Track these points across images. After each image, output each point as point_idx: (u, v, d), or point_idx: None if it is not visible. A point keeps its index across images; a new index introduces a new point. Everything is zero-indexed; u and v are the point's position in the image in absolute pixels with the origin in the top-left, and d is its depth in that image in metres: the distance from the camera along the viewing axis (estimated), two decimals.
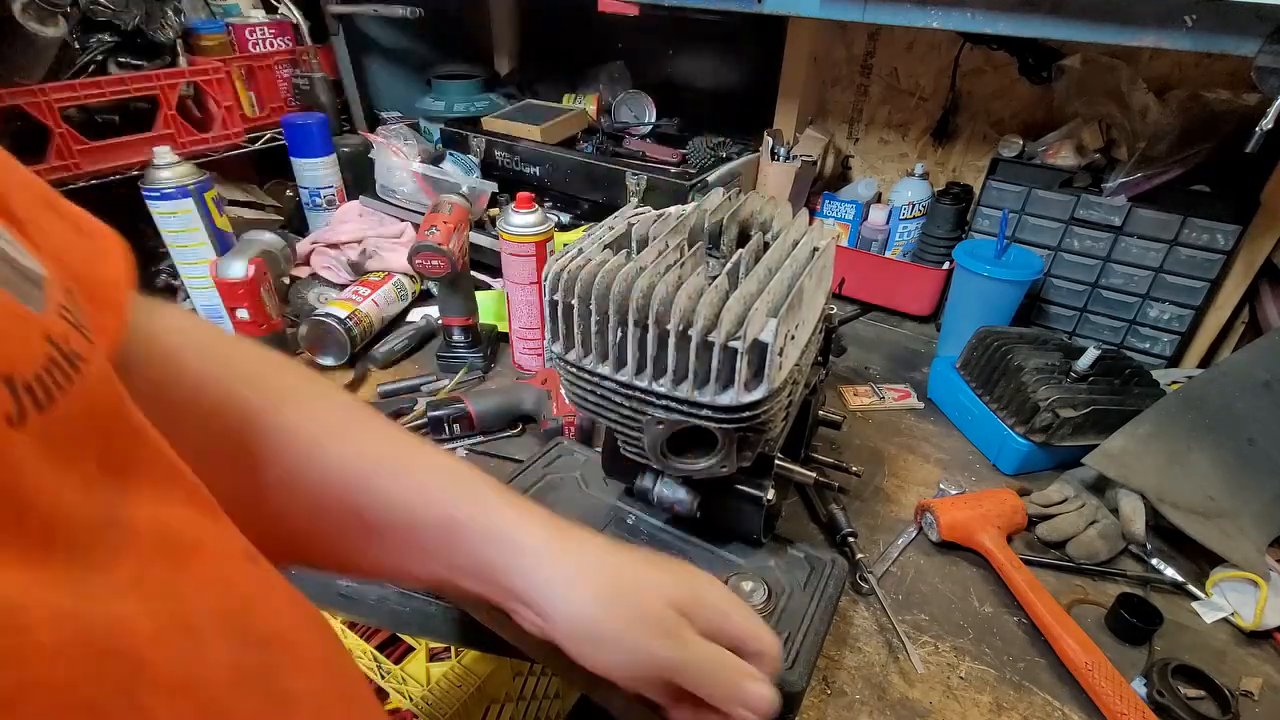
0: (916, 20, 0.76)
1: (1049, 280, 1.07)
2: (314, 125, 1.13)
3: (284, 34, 1.19)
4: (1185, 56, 0.95)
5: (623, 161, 1.17)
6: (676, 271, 0.48)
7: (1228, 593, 0.66)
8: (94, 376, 0.16)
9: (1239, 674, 0.60)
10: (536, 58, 1.54)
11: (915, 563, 0.70)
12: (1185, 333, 1.00)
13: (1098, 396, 0.79)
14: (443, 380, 0.92)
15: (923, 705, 0.56)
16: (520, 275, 0.87)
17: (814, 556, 0.61)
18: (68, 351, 0.15)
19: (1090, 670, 0.56)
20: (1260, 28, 0.59)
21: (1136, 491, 0.72)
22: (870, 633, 0.62)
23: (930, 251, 1.16)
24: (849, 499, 0.77)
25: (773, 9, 0.85)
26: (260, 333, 0.83)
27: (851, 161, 1.32)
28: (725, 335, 0.44)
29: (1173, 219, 0.94)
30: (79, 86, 0.91)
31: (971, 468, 0.83)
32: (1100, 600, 0.66)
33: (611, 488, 0.65)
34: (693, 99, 1.40)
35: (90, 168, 0.95)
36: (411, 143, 1.22)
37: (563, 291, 0.49)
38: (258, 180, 1.29)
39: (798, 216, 0.59)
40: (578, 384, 0.53)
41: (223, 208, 0.95)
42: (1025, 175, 1.03)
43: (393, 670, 0.67)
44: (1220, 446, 0.72)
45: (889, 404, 0.93)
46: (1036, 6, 0.70)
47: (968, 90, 1.14)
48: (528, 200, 0.85)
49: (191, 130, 1.06)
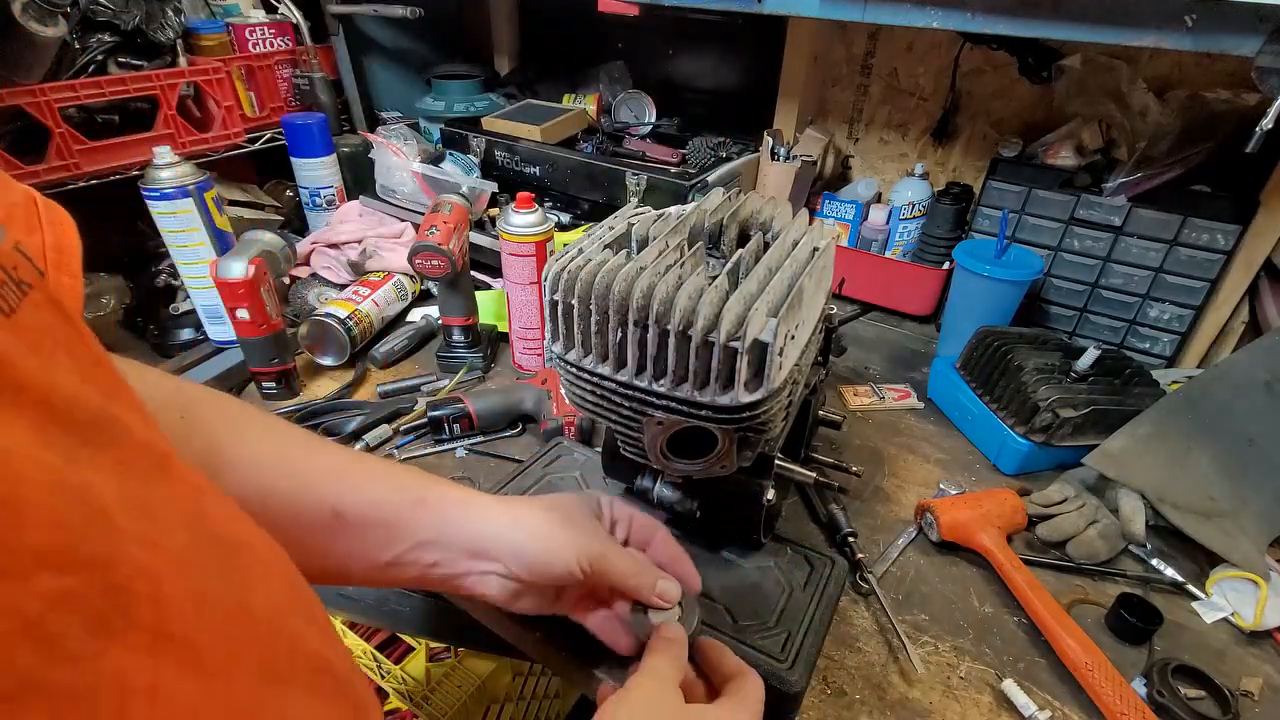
0: (916, 20, 0.76)
1: (1049, 280, 1.07)
2: (314, 125, 1.13)
3: (284, 34, 1.19)
4: (1185, 56, 0.95)
5: (623, 161, 1.17)
6: (676, 271, 0.48)
7: (1228, 593, 0.66)
8: (47, 303, 0.17)
9: (1239, 674, 0.60)
10: (536, 58, 1.54)
11: (915, 563, 0.70)
12: (1185, 333, 1.00)
13: (1098, 396, 0.79)
14: (443, 380, 0.92)
15: (923, 705, 0.56)
16: (520, 275, 0.87)
17: (814, 556, 0.61)
18: (17, 279, 0.17)
19: (1090, 670, 0.56)
20: (1260, 28, 0.59)
21: (1136, 491, 0.72)
22: (870, 633, 0.62)
23: (930, 251, 1.16)
24: (849, 499, 0.77)
25: (773, 9, 0.85)
26: (260, 333, 0.83)
27: (851, 161, 1.32)
28: (725, 335, 0.44)
29: (1173, 219, 0.95)
30: (79, 86, 0.91)
31: (971, 468, 0.83)
32: (1100, 600, 0.66)
33: (611, 488, 0.65)
34: (693, 99, 1.40)
35: (90, 168, 0.95)
36: (411, 143, 1.22)
37: (563, 291, 0.49)
38: (258, 180, 1.29)
39: (798, 216, 0.59)
40: (578, 384, 0.53)
41: (223, 208, 0.95)
42: (1025, 175, 1.03)
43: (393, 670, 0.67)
44: (1220, 446, 0.72)
45: (889, 404, 0.93)
46: (1036, 6, 0.70)
47: (968, 90, 1.14)
48: (528, 200, 0.85)
49: (191, 130, 1.06)
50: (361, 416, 0.83)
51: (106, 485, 0.16)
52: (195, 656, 0.16)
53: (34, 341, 0.16)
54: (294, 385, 0.90)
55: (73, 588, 0.13)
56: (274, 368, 0.87)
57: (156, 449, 0.20)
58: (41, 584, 0.13)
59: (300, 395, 0.90)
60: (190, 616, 0.17)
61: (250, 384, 0.90)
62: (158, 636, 0.15)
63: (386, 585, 0.54)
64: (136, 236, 1.07)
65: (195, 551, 0.19)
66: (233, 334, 0.85)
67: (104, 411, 0.18)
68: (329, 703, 0.23)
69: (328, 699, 0.23)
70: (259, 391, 0.89)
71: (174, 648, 0.16)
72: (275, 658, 0.21)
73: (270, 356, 0.86)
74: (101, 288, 1.03)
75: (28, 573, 0.13)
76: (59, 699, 0.13)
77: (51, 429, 0.15)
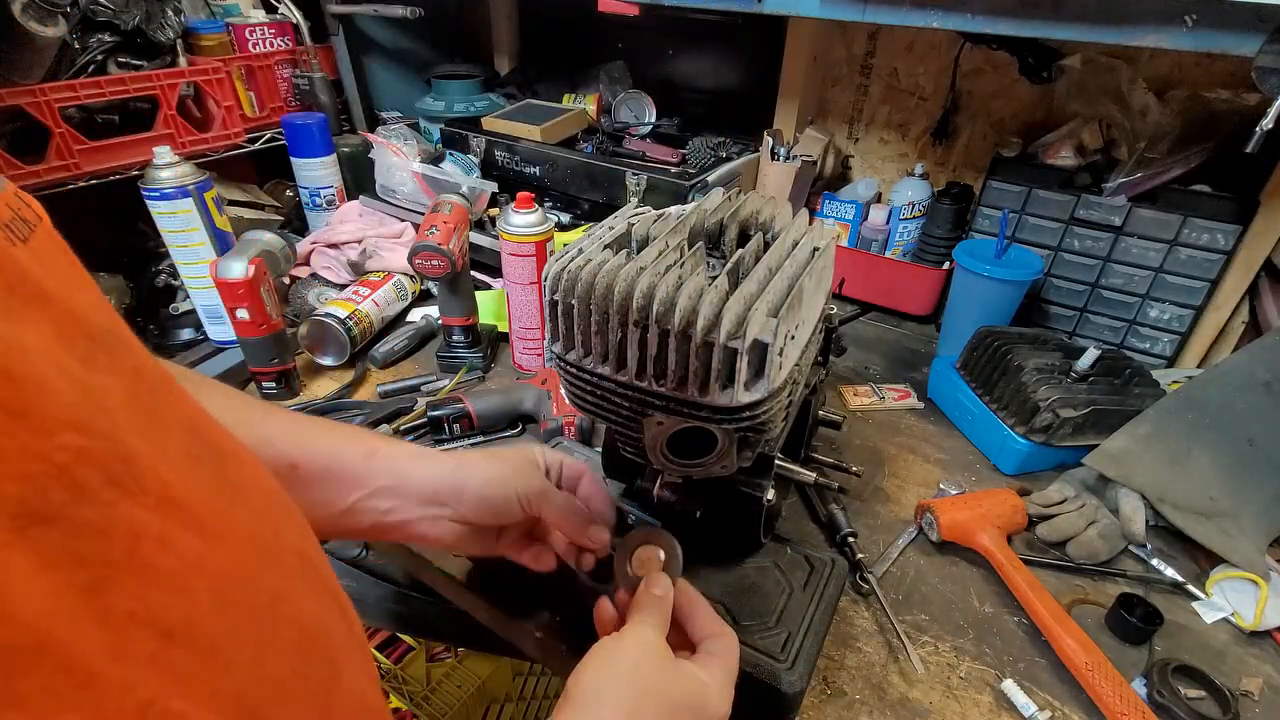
0: (916, 20, 0.76)
1: (1049, 280, 1.07)
2: (314, 125, 1.13)
3: (284, 34, 1.19)
4: (1185, 56, 0.95)
5: (623, 161, 1.16)
6: (676, 271, 0.48)
7: (1228, 593, 0.66)
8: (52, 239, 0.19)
9: (1239, 674, 0.60)
10: (536, 58, 1.54)
11: (915, 563, 0.70)
12: (1185, 333, 1.00)
13: (1098, 396, 0.79)
14: (442, 380, 0.92)
15: (923, 705, 0.56)
16: (520, 275, 0.87)
17: (814, 556, 0.61)
18: (23, 217, 0.19)
19: (1090, 670, 0.56)
20: (1260, 27, 0.59)
21: (1136, 491, 0.72)
22: (870, 633, 0.62)
23: (930, 251, 1.16)
24: (849, 499, 0.77)
25: (773, 9, 0.85)
26: (260, 333, 0.83)
27: (851, 161, 1.32)
28: (725, 335, 0.44)
29: (1173, 219, 0.95)
30: (79, 86, 0.91)
31: (971, 468, 0.83)
32: (1100, 600, 0.66)
33: (611, 488, 0.65)
34: (693, 99, 1.40)
35: (90, 168, 0.95)
36: (411, 143, 1.22)
37: (563, 291, 0.49)
38: (258, 180, 1.29)
39: (798, 216, 0.59)
40: (578, 384, 0.53)
41: (223, 208, 0.95)
42: (1025, 175, 1.03)
43: (393, 670, 0.67)
44: (1220, 446, 0.72)
45: (889, 404, 0.93)
46: (1036, 7, 0.70)
47: (968, 90, 1.14)
48: (528, 200, 0.85)
49: (191, 130, 1.06)
50: (361, 416, 0.83)
51: (116, 388, 0.18)
52: (197, 522, 0.18)
53: (52, 266, 0.18)
54: (294, 385, 0.90)
55: (92, 448, 0.16)
56: (274, 368, 0.87)
57: (159, 366, 0.22)
58: (66, 439, 0.15)
59: (300, 395, 0.90)
60: (190, 492, 0.19)
61: (250, 384, 0.90)
62: (163, 500, 0.17)
63: (346, 536, 0.58)
64: (136, 236, 1.07)
65: (191, 450, 0.21)
66: (233, 334, 0.85)
67: (115, 328, 0.20)
68: (315, 590, 0.25)
69: (314, 586, 0.25)
70: (259, 391, 0.88)
71: (178, 511, 0.18)
72: (264, 540, 0.22)
73: (270, 356, 0.86)
74: (101, 287, 1.03)
75: (54, 431, 0.15)
76: (82, 530, 0.15)
77: (72, 334, 0.17)
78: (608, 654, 0.39)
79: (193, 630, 0.17)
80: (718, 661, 0.42)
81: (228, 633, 0.18)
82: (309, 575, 0.24)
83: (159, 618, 0.16)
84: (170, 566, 0.17)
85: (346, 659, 0.24)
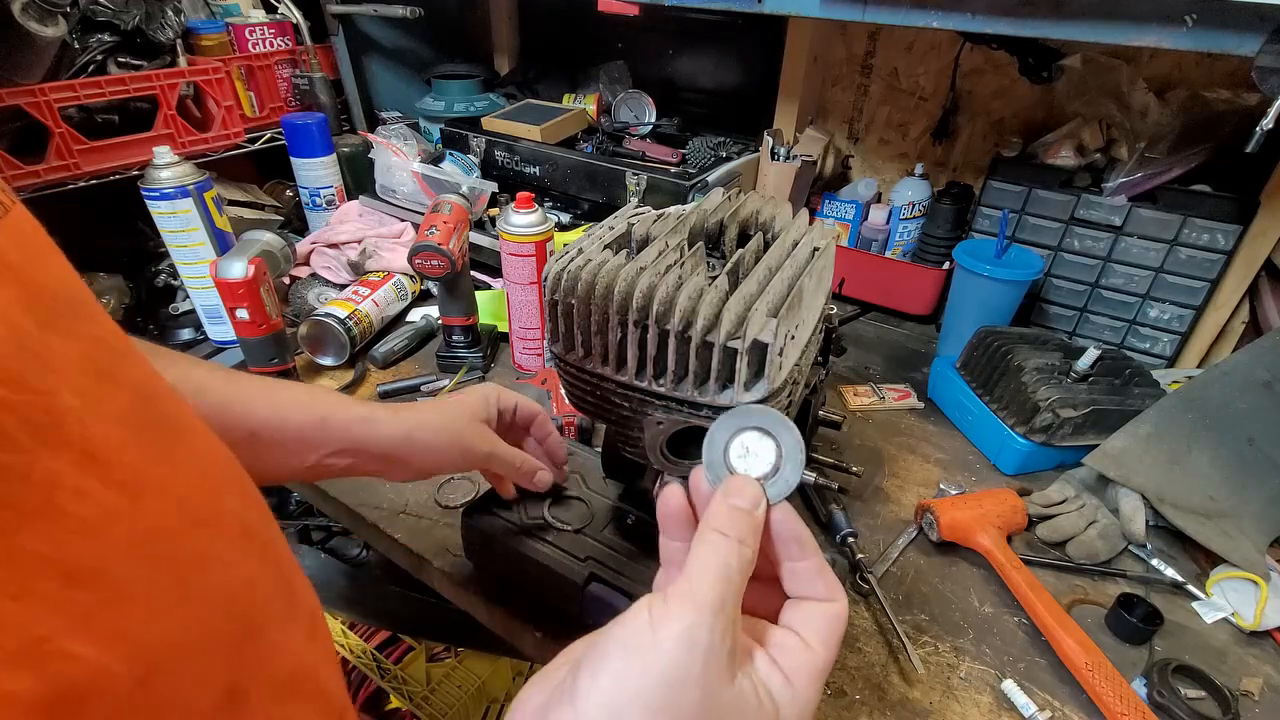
0: (916, 20, 0.76)
1: (1049, 280, 1.07)
2: (314, 125, 1.13)
3: (284, 34, 1.19)
4: (1185, 56, 0.95)
5: (623, 161, 1.17)
6: (676, 271, 0.48)
7: (1228, 593, 0.66)
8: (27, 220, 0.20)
9: (1239, 674, 0.60)
10: (536, 58, 1.54)
11: (915, 563, 0.70)
12: (1185, 333, 1.00)
13: (1098, 396, 0.79)
14: (442, 380, 0.92)
15: (923, 705, 0.56)
16: (520, 275, 0.87)
17: None
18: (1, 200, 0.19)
19: (1090, 670, 0.56)
20: (1260, 27, 0.59)
21: (1136, 491, 0.72)
22: (870, 633, 0.62)
23: (930, 251, 1.16)
24: (849, 499, 0.77)
25: (773, 9, 0.85)
26: (260, 333, 0.83)
27: (851, 161, 1.32)
28: (725, 335, 0.44)
29: (1173, 219, 0.95)
30: (79, 86, 0.91)
31: (971, 468, 0.83)
32: (1100, 600, 0.66)
33: (611, 488, 0.65)
34: (693, 99, 1.40)
35: (90, 168, 0.95)
36: (411, 143, 1.22)
37: (563, 291, 0.49)
38: (258, 180, 1.29)
39: (798, 216, 0.59)
40: (578, 384, 0.53)
41: (223, 208, 0.95)
42: (1025, 175, 1.03)
43: (393, 670, 0.67)
44: (1220, 446, 0.72)
45: (889, 404, 0.93)
46: (1036, 7, 0.70)
47: (968, 90, 1.14)
48: (528, 200, 0.85)
49: (191, 130, 1.06)
50: None
51: (73, 350, 0.19)
52: (119, 479, 0.19)
53: (21, 242, 0.19)
54: None
55: (16, 400, 0.16)
56: (274, 368, 0.87)
57: (124, 339, 0.23)
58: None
59: None
60: (116, 452, 0.19)
61: None
62: (84, 455, 0.18)
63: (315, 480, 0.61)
64: (136, 236, 1.07)
65: (134, 415, 0.21)
66: (232, 334, 0.85)
67: (82, 299, 0.21)
68: (250, 557, 0.25)
69: (251, 554, 0.25)
70: None
71: (97, 467, 0.18)
72: (198, 504, 0.23)
73: (270, 356, 0.86)
74: (101, 287, 1.03)
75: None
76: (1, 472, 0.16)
77: (33, 299, 0.18)
78: (639, 654, 0.25)
79: (99, 576, 0.18)
80: (805, 662, 0.28)
81: (139, 581, 0.19)
82: (247, 544, 0.25)
83: (66, 560, 0.17)
84: (86, 515, 0.18)
85: (277, 626, 0.25)
